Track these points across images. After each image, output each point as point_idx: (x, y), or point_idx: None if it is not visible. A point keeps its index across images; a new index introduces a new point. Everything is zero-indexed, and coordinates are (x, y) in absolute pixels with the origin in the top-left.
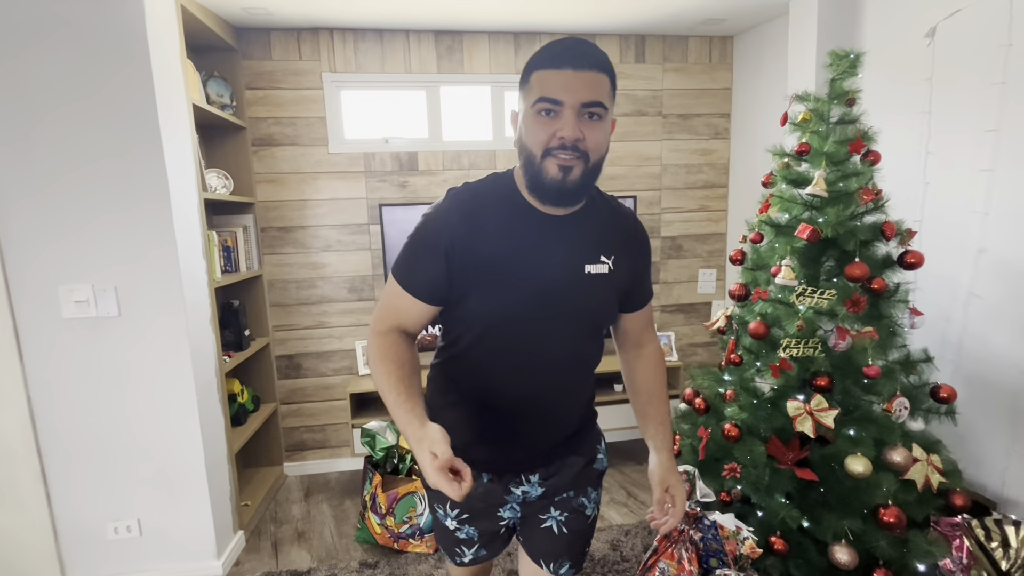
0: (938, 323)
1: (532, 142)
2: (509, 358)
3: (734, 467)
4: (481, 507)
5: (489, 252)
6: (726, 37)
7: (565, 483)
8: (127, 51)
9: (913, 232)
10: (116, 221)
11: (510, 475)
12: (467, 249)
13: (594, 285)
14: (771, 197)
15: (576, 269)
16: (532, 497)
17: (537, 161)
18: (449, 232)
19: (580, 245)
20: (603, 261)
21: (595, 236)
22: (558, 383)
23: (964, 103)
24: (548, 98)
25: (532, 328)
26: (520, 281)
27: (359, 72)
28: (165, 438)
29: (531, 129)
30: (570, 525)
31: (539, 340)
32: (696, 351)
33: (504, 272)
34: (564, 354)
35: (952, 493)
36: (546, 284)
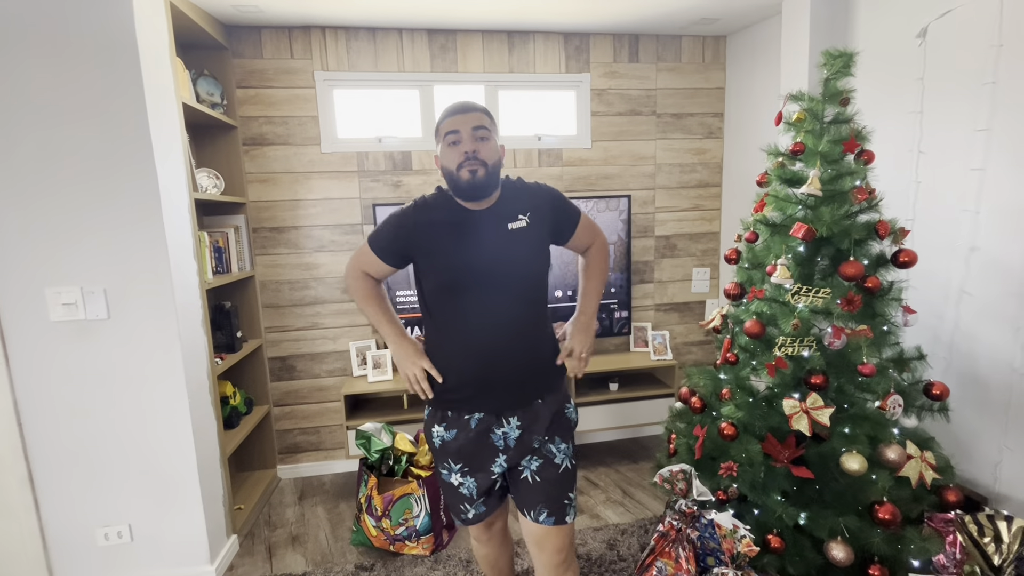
0: (931, 321)
1: (448, 162)
2: (471, 312)
3: (731, 466)
4: (474, 458)
5: (438, 234)
6: (719, 37)
7: (536, 428)
8: (115, 49)
9: (906, 231)
10: (105, 222)
11: (493, 416)
12: (423, 232)
13: (519, 236)
14: (766, 196)
15: (501, 230)
16: (512, 440)
17: (455, 173)
18: (411, 219)
19: (501, 217)
20: (520, 218)
21: (511, 207)
22: (515, 327)
23: (955, 103)
24: (451, 131)
25: (481, 285)
26: (465, 249)
27: (352, 71)
28: (156, 442)
29: (446, 155)
30: (542, 473)
31: (489, 293)
32: (691, 350)
33: (450, 245)
34: (511, 297)
35: (945, 489)
36: (484, 247)
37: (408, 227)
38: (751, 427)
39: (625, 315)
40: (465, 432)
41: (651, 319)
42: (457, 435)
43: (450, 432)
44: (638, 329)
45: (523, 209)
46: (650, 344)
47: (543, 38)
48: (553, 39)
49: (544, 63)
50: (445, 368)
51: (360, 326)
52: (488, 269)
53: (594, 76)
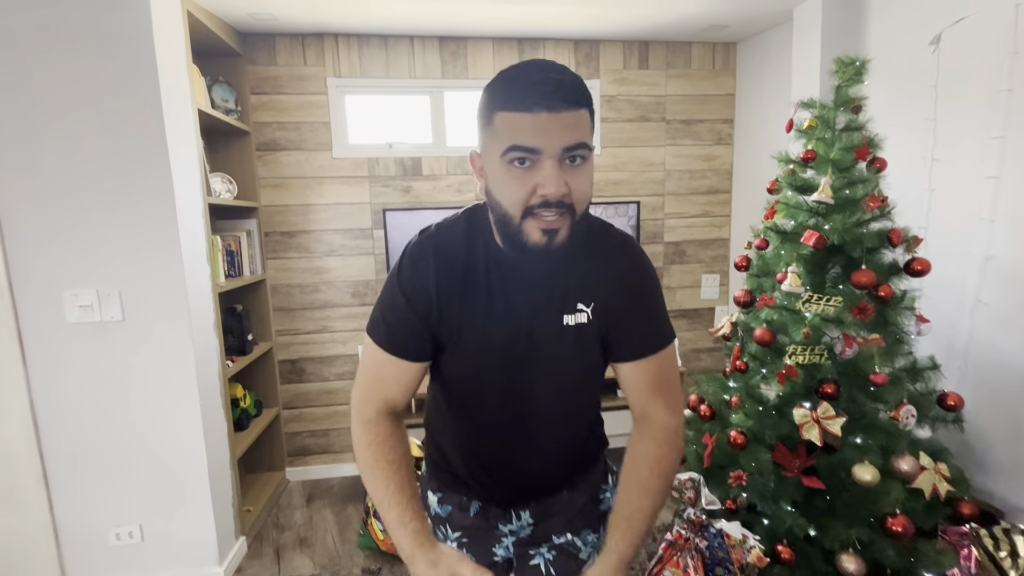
0: (944, 330)
1: (507, 200)
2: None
3: (740, 475)
4: (474, 538)
5: (462, 300)
6: (729, 43)
7: (559, 524)
8: (134, 56)
9: (919, 239)
10: (121, 225)
11: (498, 511)
12: (442, 298)
13: (573, 334)
14: (777, 203)
15: (552, 320)
16: (523, 534)
17: (515, 223)
18: (426, 279)
19: (558, 290)
20: (581, 309)
21: (579, 277)
22: (545, 435)
23: (970, 110)
24: (522, 147)
25: (510, 381)
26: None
27: (363, 77)
28: (168, 443)
29: (504, 185)
30: (558, 566)
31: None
32: (700, 356)
33: (478, 321)
34: (549, 407)
35: (960, 502)
36: (520, 334)
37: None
38: (761, 436)
39: None
40: (463, 514)
41: None
42: (452, 513)
43: (444, 507)
44: None
45: (591, 292)
46: None
47: (553, 45)
48: (563, 46)
49: None
50: (448, 444)
51: None
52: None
53: (604, 82)
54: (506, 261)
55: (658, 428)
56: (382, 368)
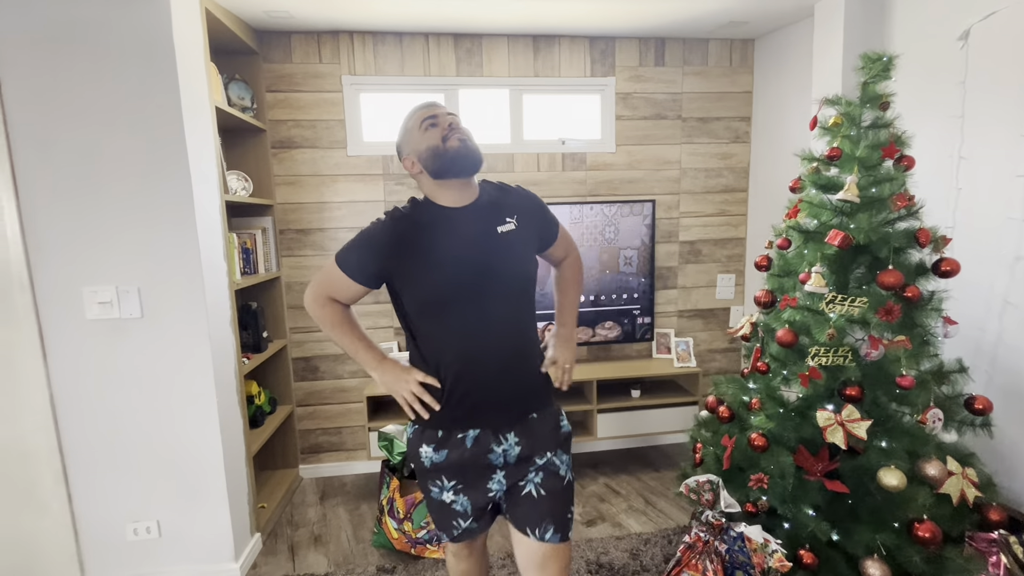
0: (972, 332)
1: (432, 140)
2: (461, 323)
3: (761, 477)
4: (470, 474)
5: (423, 241)
6: (747, 40)
7: (538, 444)
8: (153, 55)
9: (948, 239)
10: (140, 222)
11: (491, 432)
12: (405, 241)
13: (508, 239)
14: (800, 202)
15: (490, 232)
16: (512, 457)
17: (442, 146)
18: (388, 229)
19: (487, 219)
20: (508, 221)
21: (496, 209)
22: (509, 337)
23: (1000, 107)
24: (428, 116)
25: (473, 292)
26: (454, 254)
27: (378, 75)
28: (185, 439)
29: (425, 139)
30: (546, 486)
31: (481, 301)
32: (715, 357)
33: (437, 252)
34: (504, 303)
35: (988, 508)
36: (474, 250)
37: (386, 239)
38: (782, 438)
39: (648, 321)
40: (459, 451)
41: (674, 325)
42: (449, 455)
43: (440, 452)
44: (661, 335)
45: (509, 212)
46: (673, 351)
47: (568, 42)
48: (579, 43)
49: (569, 67)
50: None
51: (382, 328)
52: (480, 274)
53: (619, 80)
54: (447, 211)
55: (574, 259)
56: (337, 280)
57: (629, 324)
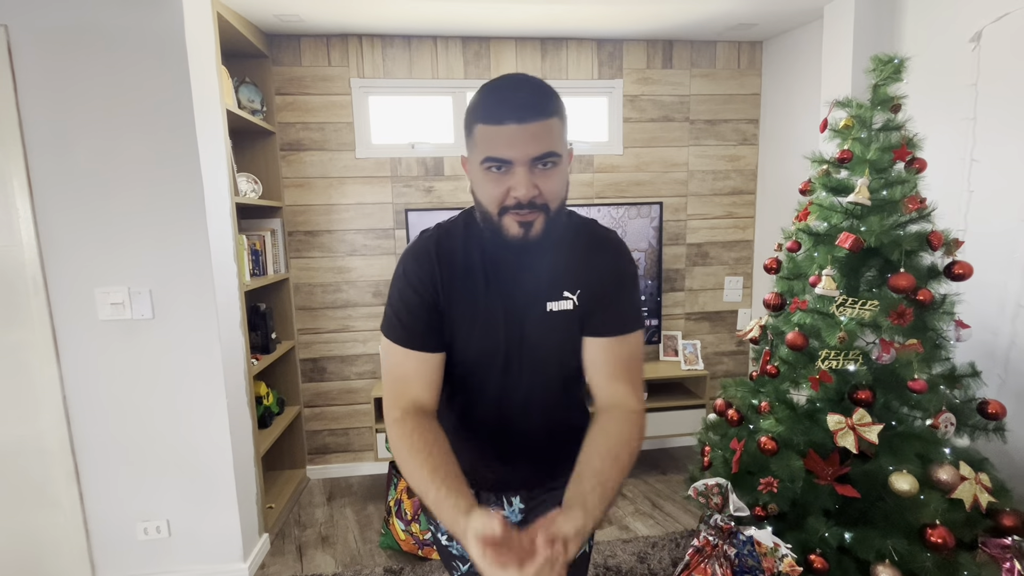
0: (984, 336)
1: (486, 199)
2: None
3: (771, 481)
4: None
5: (463, 290)
6: (755, 42)
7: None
8: (166, 57)
9: (960, 242)
10: (152, 224)
11: (490, 495)
12: (447, 288)
13: (556, 320)
14: (810, 205)
15: (535, 305)
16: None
17: (495, 219)
18: (431, 273)
19: (543, 275)
20: (566, 297)
21: (563, 264)
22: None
23: (1012, 109)
24: (494, 158)
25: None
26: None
27: (387, 78)
28: (195, 439)
29: (482, 186)
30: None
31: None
32: (722, 360)
33: (477, 309)
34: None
35: (1001, 513)
36: (512, 320)
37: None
38: (791, 442)
39: (655, 323)
40: None
41: (681, 328)
42: None
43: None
44: (668, 338)
45: (575, 279)
46: (680, 353)
47: (576, 44)
48: (586, 45)
49: (577, 69)
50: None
51: None
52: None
53: (627, 82)
54: (499, 255)
55: (629, 411)
56: (403, 366)
57: None
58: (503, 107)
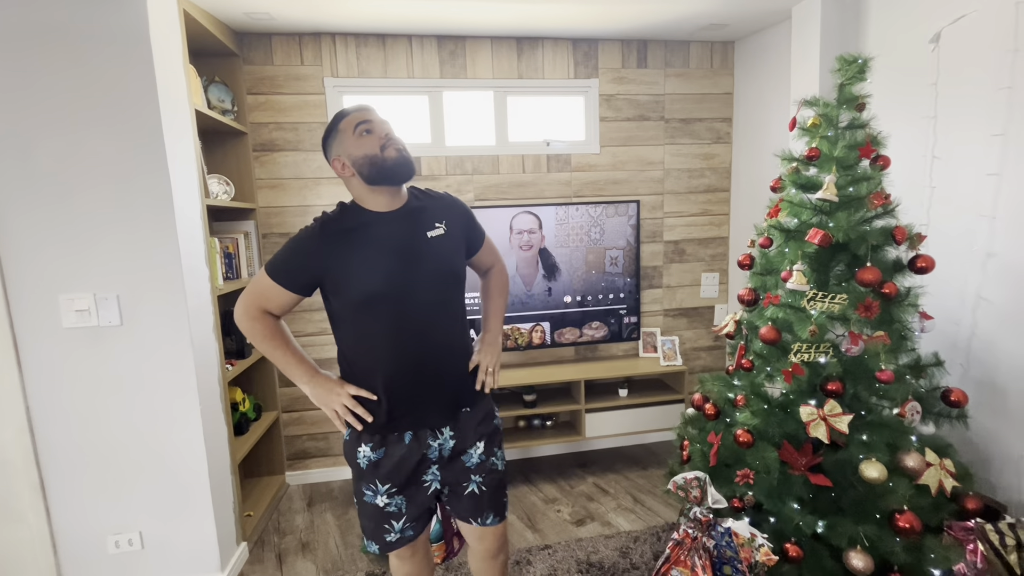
0: (947, 327)
1: (369, 148)
2: (394, 325)
3: (747, 473)
4: (407, 473)
5: (354, 244)
6: (727, 42)
7: (470, 436)
8: (130, 56)
9: (923, 236)
10: (119, 228)
11: (426, 429)
12: (336, 245)
13: (438, 243)
14: (780, 202)
15: (420, 238)
16: (447, 451)
17: (379, 155)
18: (318, 235)
19: (417, 223)
20: (437, 226)
21: (424, 215)
22: (441, 337)
23: (970, 108)
24: (363, 120)
25: (405, 294)
26: (385, 257)
27: (361, 77)
28: (168, 448)
29: (362, 144)
30: (487, 483)
31: (414, 303)
32: (700, 355)
33: (369, 255)
34: (435, 304)
35: (965, 497)
36: (405, 253)
37: (316, 244)
38: (767, 434)
39: (634, 320)
40: (398, 447)
41: (660, 324)
42: (387, 452)
43: (379, 451)
44: (647, 335)
45: (438, 217)
46: (659, 350)
47: (552, 44)
48: (562, 45)
49: (553, 69)
50: (369, 389)
51: None
52: (410, 278)
53: (603, 82)
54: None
55: (500, 270)
56: (265, 289)
57: (616, 324)
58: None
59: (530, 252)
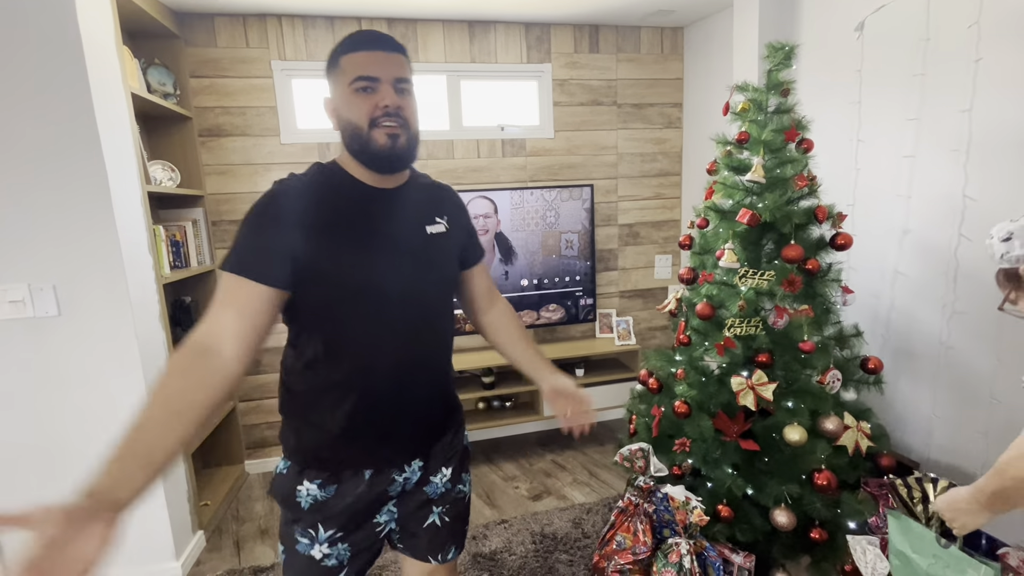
0: (869, 300)
1: (356, 116)
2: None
3: (684, 442)
4: (359, 514)
5: (337, 219)
6: (677, 28)
7: (438, 462)
8: (57, 39)
9: (843, 215)
10: (52, 217)
11: (392, 465)
12: (310, 229)
13: (438, 242)
14: (715, 184)
15: (419, 231)
16: (411, 484)
17: (364, 133)
18: (290, 211)
19: (417, 211)
20: (438, 221)
21: (427, 203)
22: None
23: (889, 93)
24: (365, 76)
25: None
26: (378, 244)
27: (310, 60)
28: (113, 440)
29: (353, 105)
30: (451, 513)
31: (408, 302)
32: (654, 335)
33: (354, 237)
34: (432, 313)
35: (880, 456)
36: (401, 244)
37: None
38: (704, 405)
39: (590, 302)
40: (353, 485)
41: (616, 306)
42: (340, 490)
43: (328, 488)
44: (603, 316)
45: (439, 211)
46: (615, 330)
47: (504, 28)
48: (514, 29)
49: (505, 53)
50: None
51: None
52: (410, 275)
53: (555, 66)
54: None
55: (506, 305)
56: (224, 290)
57: (572, 306)
58: (370, 40)
59: (486, 236)
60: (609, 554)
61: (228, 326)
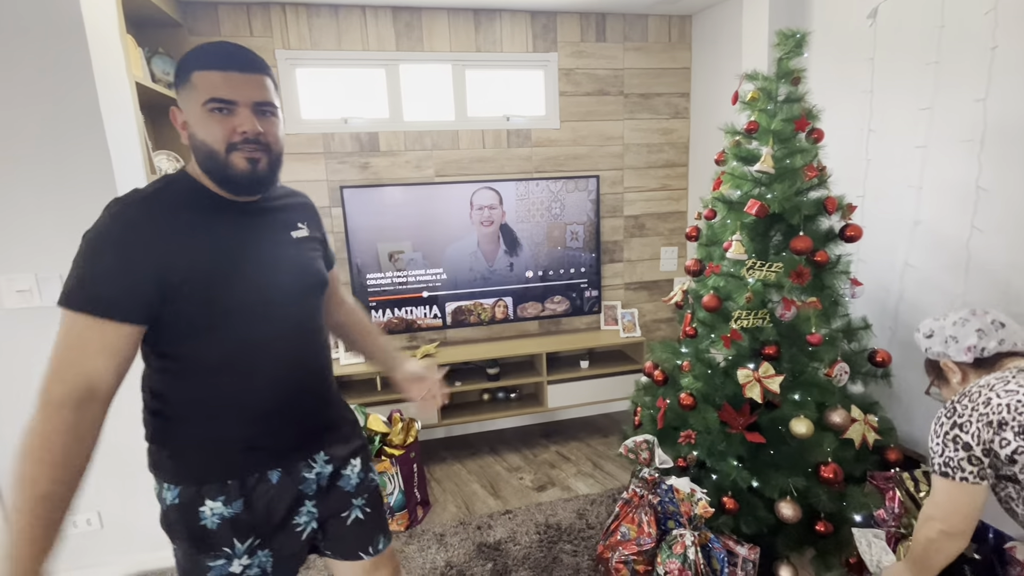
0: (878, 293)
1: (211, 139)
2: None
3: (689, 434)
4: (277, 519)
5: (197, 246)
6: (685, 16)
7: (343, 451)
8: (61, 28)
9: (853, 207)
10: (59, 206)
11: (298, 460)
12: (171, 248)
13: (304, 246)
14: (723, 174)
15: (284, 236)
16: (324, 478)
17: (222, 156)
18: (149, 225)
19: (280, 219)
20: (300, 226)
21: (287, 209)
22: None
23: (902, 82)
24: (219, 99)
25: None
26: (243, 259)
27: (314, 49)
28: (123, 426)
29: (207, 127)
30: (371, 503)
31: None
32: (660, 327)
33: (220, 254)
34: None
35: (887, 449)
36: (270, 253)
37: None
38: (709, 397)
39: (595, 294)
40: (263, 490)
41: (621, 298)
42: (248, 501)
43: (235, 504)
44: (608, 308)
45: (299, 216)
46: (619, 322)
47: (510, 16)
48: (520, 17)
49: (511, 42)
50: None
51: None
52: (281, 283)
53: (562, 55)
54: (226, 205)
55: (354, 302)
56: (86, 340)
57: (577, 298)
58: (224, 57)
59: (491, 228)
60: (613, 545)
61: (99, 368)
